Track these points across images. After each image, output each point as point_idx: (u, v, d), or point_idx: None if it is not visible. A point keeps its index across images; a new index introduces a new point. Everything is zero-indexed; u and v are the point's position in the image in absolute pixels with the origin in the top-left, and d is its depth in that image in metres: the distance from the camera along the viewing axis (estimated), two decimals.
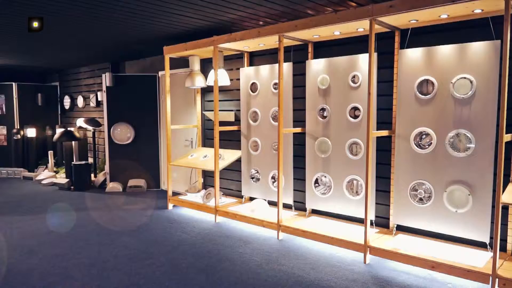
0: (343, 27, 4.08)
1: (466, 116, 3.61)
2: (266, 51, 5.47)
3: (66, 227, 5.10)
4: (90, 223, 5.29)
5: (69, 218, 5.57)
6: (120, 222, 5.34)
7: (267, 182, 5.37)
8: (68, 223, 5.31)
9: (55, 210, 6.01)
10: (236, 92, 5.90)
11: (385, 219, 4.38)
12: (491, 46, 3.44)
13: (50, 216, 5.66)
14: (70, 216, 5.64)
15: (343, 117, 4.49)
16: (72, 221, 5.38)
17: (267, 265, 3.82)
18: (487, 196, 3.52)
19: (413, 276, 3.51)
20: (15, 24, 4.83)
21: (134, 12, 4.36)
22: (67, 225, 5.21)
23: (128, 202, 6.45)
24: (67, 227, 5.12)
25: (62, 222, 5.39)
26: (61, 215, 5.74)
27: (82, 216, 5.62)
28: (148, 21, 4.82)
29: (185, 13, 4.50)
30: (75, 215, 5.71)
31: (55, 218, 5.57)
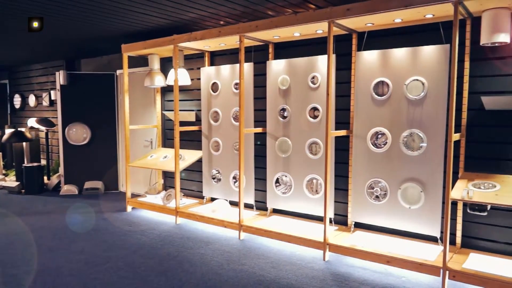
0: (302, 28, 4.15)
1: (419, 116, 3.78)
2: (227, 51, 5.46)
3: (16, 233, 4.84)
4: (43, 227, 5.05)
5: (18, 223, 5.28)
6: (75, 226, 5.14)
7: (228, 182, 5.35)
8: (18, 228, 5.04)
9: (3, 216, 5.68)
10: (197, 92, 5.84)
11: (343, 217, 4.49)
12: (441, 50, 3.62)
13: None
14: (20, 221, 5.36)
15: (303, 117, 4.56)
16: (22, 226, 5.11)
17: (228, 265, 3.80)
18: (438, 193, 3.70)
19: (370, 271, 3.62)
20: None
21: (90, 8, 4.22)
22: (17, 230, 4.95)
23: (85, 205, 6.22)
24: (17, 232, 4.86)
25: (11, 227, 5.11)
26: (9, 221, 5.43)
27: (34, 221, 5.35)
28: (106, 18, 4.68)
29: (145, 11, 4.40)
30: (25, 219, 5.43)
31: (2, 224, 5.26)
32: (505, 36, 3.20)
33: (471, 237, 3.74)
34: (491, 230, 3.63)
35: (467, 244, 3.75)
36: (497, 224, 3.59)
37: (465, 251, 3.66)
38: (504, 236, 3.57)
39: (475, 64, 3.62)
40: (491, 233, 3.63)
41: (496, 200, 3.10)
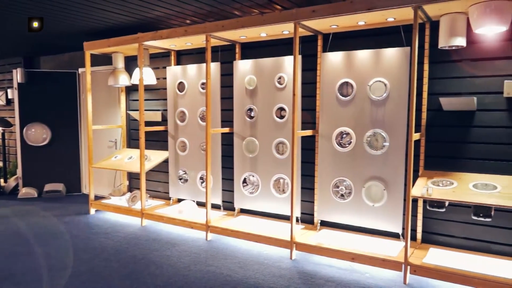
0: (269, 29, 4.17)
1: (381, 116, 3.89)
2: (194, 50, 5.41)
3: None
4: (0, 233, 4.82)
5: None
6: (34, 230, 4.92)
7: (195, 182, 5.30)
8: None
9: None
10: (162, 92, 5.75)
11: (310, 216, 4.55)
12: (402, 52, 3.74)
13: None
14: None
15: (269, 117, 4.58)
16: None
17: (195, 266, 3.77)
18: (400, 190, 3.82)
19: (336, 268, 3.69)
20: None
21: (50, 3, 4.05)
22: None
23: (45, 208, 5.97)
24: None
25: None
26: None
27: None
28: (68, 14, 4.52)
29: (108, 8, 4.29)
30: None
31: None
32: (461, 40, 3.35)
33: (431, 233, 3.89)
34: (449, 225, 3.79)
35: (427, 239, 3.90)
36: (455, 220, 3.75)
37: (425, 246, 3.80)
38: (461, 231, 3.74)
39: (434, 67, 3.76)
40: (449, 229, 3.79)
41: (454, 197, 3.24)
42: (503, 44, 3.45)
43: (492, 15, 3.04)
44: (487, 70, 3.54)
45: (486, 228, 3.61)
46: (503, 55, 3.46)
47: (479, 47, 3.55)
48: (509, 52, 3.44)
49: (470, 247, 3.69)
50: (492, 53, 3.51)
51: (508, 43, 3.43)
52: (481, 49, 3.54)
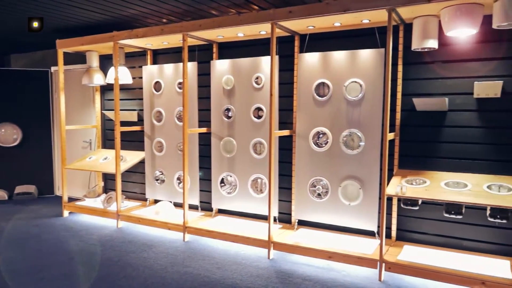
0: (246, 29, 4.17)
1: (357, 116, 3.95)
2: (171, 50, 5.35)
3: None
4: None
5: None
6: (4, 234, 4.77)
7: (172, 183, 5.25)
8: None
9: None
10: (138, 91, 5.67)
11: (287, 215, 4.58)
12: (377, 54, 3.81)
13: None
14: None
15: (247, 117, 4.59)
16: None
17: (172, 268, 3.73)
18: (375, 189, 3.89)
19: (313, 267, 3.72)
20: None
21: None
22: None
23: (16, 211, 5.79)
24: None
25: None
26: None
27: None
28: (39, 11, 4.39)
29: (82, 5, 4.19)
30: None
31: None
32: (433, 42, 3.44)
33: (405, 230, 3.97)
34: (423, 223, 3.89)
35: (402, 237, 3.98)
36: (428, 217, 3.85)
37: (400, 244, 3.88)
38: (433, 228, 3.84)
39: (407, 68, 3.85)
40: (423, 226, 3.89)
41: (426, 195, 3.33)
42: (473, 47, 3.56)
43: (463, 18, 3.13)
44: (458, 72, 3.65)
45: (457, 225, 3.72)
46: (473, 57, 3.58)
47: (451, 49, 3.65)
48: (479, 54, 3.55)
49: (442, 244, 3.80)
50: (463, 55, 3.62)
51: (478, 46, 3.55)
52: (452, 51, 3.65)
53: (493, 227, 3.58)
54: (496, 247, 3.59)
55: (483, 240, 3.63)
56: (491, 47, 3.50)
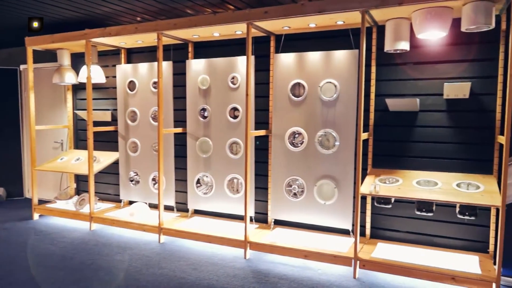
0: (222, 29, 4.16)
1: (332, 116, 4.00)
2: (145, 49, 5.27)
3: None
4: None
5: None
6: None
7: (147, 184, 5.18)
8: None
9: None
10: (112, 90, 5.56)
11: (264, 215, 4.59)
12: (351, 55, 3.87)
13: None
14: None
15: (223, 117, 4.57)
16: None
17: (147, 270, 3.67)
18: (349, 188, 3.95)
19: (289, 266, 3.74)
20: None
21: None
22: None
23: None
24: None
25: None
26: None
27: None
28: (6, 7, 4.24)
29: (52, 2, 4.07)
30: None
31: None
32: (405, 44, 3.52)
33: (378, 228, 4.05)
34: (395, 220, 3.97)
35: (376, 234, 4.06)
36: (400, 215, 3.94)
37: (374, 242, 3.96)
38: (405, 225, 3.93)
39: (380, 69, 3.93)
40: (395, 224, 3.98)
41: (399, 193, 3.40)
42: (443, 49, 3.67)
43: (433, 21, 3.22)
44: (428, 73, 3.75)
45: (429, 222, 3.82)
46: (443, 59, 3.68)
47: (422, 51, 3.75)
48: (448, 56, 3.66)
49: (414, 241, 3.89)
50: (433, 57, 3.72)
51: (448, 48, 3.66)
52: (423, 53, 3.75)
53: (462, 224, 3.70)
54: (465, 243, 3.71)
55: (453, 236, 3.75)
56: (460, 49, 3.62)
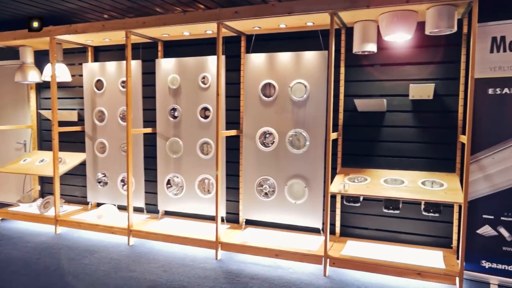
0: (192, 28, 4.12)
1: (302, 117, 4.04)
2: (113, 47, 5.15)
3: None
4: None
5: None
6: None
7: (116, 185, 5.06)
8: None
9: None
10: (79, 90, 5.39)
11: (235, 215, 4.59)
12: (320, 56, 3.93)
13: None
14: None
15: (194, 117, 4.53)
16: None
17: (116, 273, 3.59)
18: (320, 187, 4.01)
19: (261, 266, 3.76)
20: None
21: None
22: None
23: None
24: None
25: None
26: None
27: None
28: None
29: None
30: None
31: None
32: (372, 45, 3.61)
33: (348, 226, 4.13)
34: (364, 218, 4.06)
35: (345, 232, 4.14)
36: (368, 213, 4.03)
37: (343, 239, 4.03)
38: (374, 223, 4.02)
39: (349, 70, 4.00)
40: (364, 221, 4.06)
41: (367, 192, 3.48)
42: (409, 51, 3.78)
43: (398, 23, 3.31)
44: (395, 75, 3.85)
45: (396, 219, 3.93)
46: (408, 61, 3.80)
47: (388, 53, 3.85)
48: (413, 58, 3.78)
49: (382, 238, 3.99)
50: (399, 59, 3.83)
51: (413, 50, 3.77)
52: (390, 55, 3.85)
53: (427, 221, 3.82)
54: (430, 239, 3.84)
55: (418, 233, 3.87)
56: (425, 52, 3.74)
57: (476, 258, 3.38)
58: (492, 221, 3.32)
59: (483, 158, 3.32)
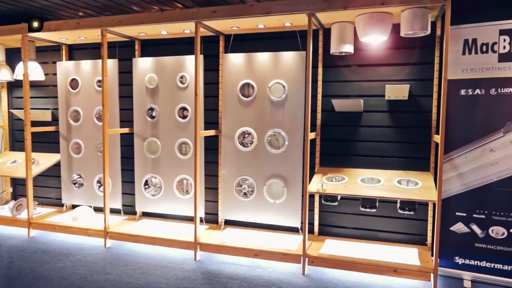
0: (169, 27, 4.07)
1: (281, 117, 4.06)
2: (88, 45, 5.05)
3: None
4: None
5: None
6: None
7: (92, 187, 4.96)
8: None
9: None
10: (53, 89, 5.26)
11: (214, 215, 4.57)
12: (298, 56, 3.95)
13: None
14: None
15: (172, 117, 4.49)
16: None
17: (92, 276, 3.52)
18: (298, 187, 4.03)
19: (239, 266, 3.75)
20: None
21: None
22: None
23: None
24: None
25: None
26: None
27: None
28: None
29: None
30: None
31: None
32: (349, 46, 3.65)
33: (326, 225, 4.18)
34: (342, 217, 4.11)
35: (324, 231, 4.18)
36: (346, 212, 4.09)
37: (322, 238, 4.07)
38: (351, 222, 4.08)
39: (327, 70, 4.05)
40: (342, 220, 4.12)
41: (345, 191, 3.53)
42: (385, 52, 3.85)
43: (374, 25, 3.37)
44: (371, 75, 3.92)
45: (372, 218, 4.00)
46: (384, 62, 3.86)
47: (365, 54, 3.91)
48: (389, 59, 3.85)
49: (360, 236, 4.05)
50: (376, 60, 3.89)
51: (389, 52, 3.84)
52: (367, 56, 3.91)
53: (402, 219, 3.90)
54: (406, 237, 3.92)
55: (394, 230, 3.95)
56: (400, 53, 3.81)
57: (450, 255, 3.47)
58: (464, 218, 3.42)
59: (456, 157, 3.41)
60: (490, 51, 3.25)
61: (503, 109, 3.24)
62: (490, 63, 3.26)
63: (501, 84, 3.23)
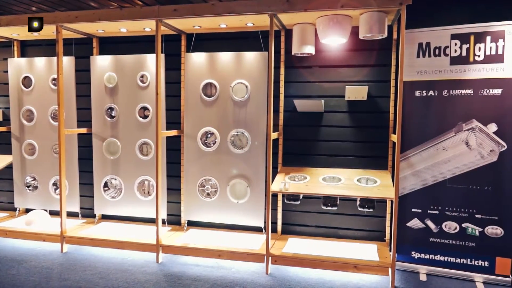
0: (129, 24, 3.97)
1: (244, 117, 4.06)
2: (43, 42, 4.83)
3: None
4: None
5: None
6: None
7: (47, 189, 4.74)
8: None
9: None
10: (3, 87, 4.99)
11: (177, 217, 4.50)
12: (260, 56, 3.97)
13: None
14: None
15: (132, 117, 4.38)
16: None
17: (47, 283, 3.37)
18: (261, 187, 4.05)
19: (203, 267, 3.72)
20: None
21: None
22: None
23: None
24: None
25: None
26: None
27: None
28: None
29: None
30: None
31: None
32: (310, 48, 3.71)
33: (289, 224, 4.22)
34: (304, 216, 4.17)
35: (287, 230, 4.22)
36: (308, 211, 4.15)
37: (285, 237, 4.11)
38: (314, 220, 4.15)
39: (289, 71, 4.09)
40: (304, 219, 4.18)
41: (307, 190, 3.58)
42: (345, 54, 3.94)
43: (334, 27, 3.45)
44: (332, 76, 4.00)
45: (333, 216, 4.08)
46: (344, 63, 3.96)
47: (326, 56, 3.99)
48: (349, 61, 3.94)
49: (322, 234, 4.13)
50: (336, 62, 3.98)
51: (349, 53, 3.93)
52: (327, 58, 3.99)
53: (362, 216, 4.02)
54: (366, 234, 4.04)
55: (354, 228, 4.06)
56: (359, 55, 3.92)
57: (407, 250, 3.61)
58: (420, 214, 3.57)
59: (411, 156, 3.56)
60: (443, 55, 3.41)
61: (455, 110, 3.41)
62: (442, 66, 3.41)
63: (453, 86, 3.39)
